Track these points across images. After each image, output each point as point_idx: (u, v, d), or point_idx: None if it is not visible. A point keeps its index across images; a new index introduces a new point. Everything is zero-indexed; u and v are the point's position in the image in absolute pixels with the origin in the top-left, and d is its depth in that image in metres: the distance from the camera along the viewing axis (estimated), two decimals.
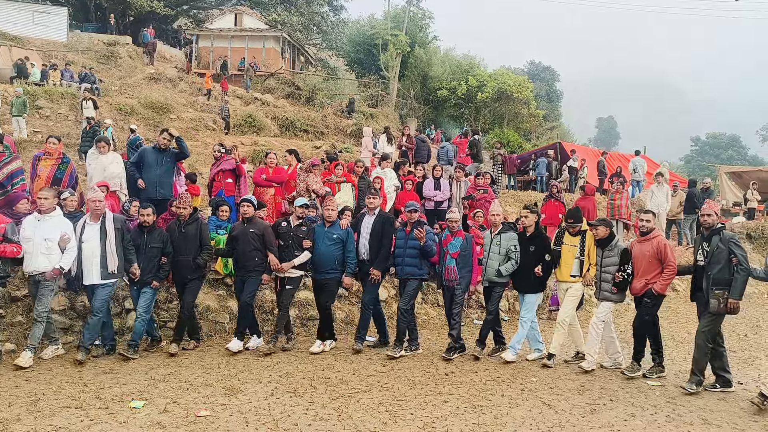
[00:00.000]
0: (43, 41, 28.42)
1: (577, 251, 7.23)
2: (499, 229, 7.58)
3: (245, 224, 7.44)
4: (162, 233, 7.26)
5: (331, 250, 7.45)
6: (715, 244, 6.34)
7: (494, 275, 7.43)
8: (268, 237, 7.41)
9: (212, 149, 9.16)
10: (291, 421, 5.12)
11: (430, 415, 5.36)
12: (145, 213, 7.19)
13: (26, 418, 5.02)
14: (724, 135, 68.04)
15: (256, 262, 7.38)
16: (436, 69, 33.08)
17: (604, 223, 7.23)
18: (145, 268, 7.05)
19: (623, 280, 6.94)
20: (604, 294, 7.09)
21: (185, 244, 7.25)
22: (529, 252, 7.39)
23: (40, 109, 19.27)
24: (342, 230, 7.53)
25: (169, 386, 5.96)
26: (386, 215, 7.86)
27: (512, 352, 7.37)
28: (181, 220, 7.36)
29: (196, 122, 22.04)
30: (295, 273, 7.54)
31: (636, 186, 18.95)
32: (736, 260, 6.20)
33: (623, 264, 6.96)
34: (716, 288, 6.25)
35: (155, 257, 7.12)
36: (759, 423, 5.43)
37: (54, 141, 8.24)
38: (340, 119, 26.09)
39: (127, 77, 26.51)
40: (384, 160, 11.61)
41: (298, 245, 7.46)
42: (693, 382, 6.31)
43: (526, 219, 7.54)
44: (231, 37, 33.84)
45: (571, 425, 5.24)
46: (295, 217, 7.63)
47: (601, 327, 7.04)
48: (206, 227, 7.56)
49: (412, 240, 7.43)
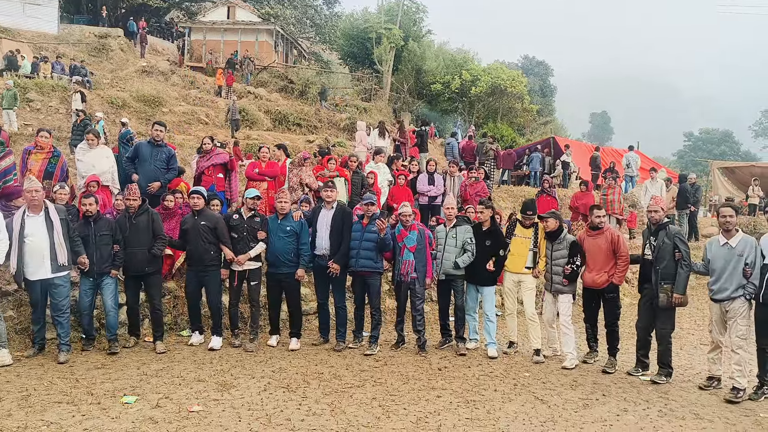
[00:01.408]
0: (34, 33, 28.12)
1: (530, 243, 7.39)
2: (453, 223, 7.63)
3: (196, 217, 7.32)
4: (109, 221, 7.12)
5: (286, 243, 7.36)
6: (662, 239, 6.51)
7: (451, 268, 7.50)
8: (220, 230, 7.31)
9: (202, 142, 9.06)
10: (284, 416, 5.12)
11: (423, 410, 5.36)
12: (87, 202, 6.98)
13: (17, 413, 4.99)
14: (717, 131, 68.29)
15: (212, 256, 7.30)
16: (430, 63, 32.97)
17: (554, 215, 7.34)
18: (101, 258, 6.90)
19: (573, 271, 7.11)
20: (555, 287, 7.24)
21: (137, 235, 7.08)
22: (485, 246, 7.46)
23: (30, 102, 19.09)
24: (295, 222, 7.43)
25: (162, 382, 5.94)
26: (345, 208, 7.75)
27: (493, 347, 7.47)
28: (131, 211, 7.17)
29: (188, 116, 21.89)
30: (253, 265, 7.47)
31: (629, 181, 19.03)
32: (680, 255, 6.37)
33: (572, 256, 7.12)
34: (664, 282, 6.45)
35: (107, 245, 6.97)
36: (750, 418, 5.47)
37: (45, 134, 8.15)
38: (333, 113, 26.00)
39: (118, 70, 26.30)
40: (377, 155, 11.59)
41: (253, 237, 7.39)
42: (662, 374, 6.57)
43: (481, 214, 7.60)
44: (224, 30, 33.61)
45: (563, 420, 5.26)
46: (247, 209, 7.52)
47: (570, 323, 7.18)
48: (158, 217, 7.36)
49: (368, 233, 7.40)
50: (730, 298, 6.09)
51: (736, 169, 24.13)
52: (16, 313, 7.15)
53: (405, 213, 7.48)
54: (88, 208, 6.96)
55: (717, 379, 6.41)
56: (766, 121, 65.50)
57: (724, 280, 6.12)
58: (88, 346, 7.07)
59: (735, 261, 6.07)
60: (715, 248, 6.33)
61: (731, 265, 6.09)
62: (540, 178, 17.72)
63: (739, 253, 6.06)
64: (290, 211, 7.52)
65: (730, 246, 6.14)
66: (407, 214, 7.47)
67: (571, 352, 7.11)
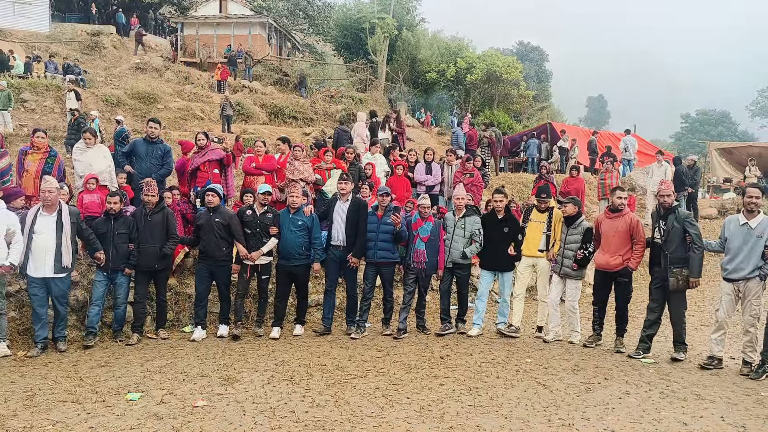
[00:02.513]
0: (26, 33, 27.97)
1: (544, 227, 7.58)
2: (462, 213, 7.78)
3: (211, 214, 7.46)
4: (128, 219, 7.28)
5: (297, 236, 7.50)
6: (671, 223, 6.54)
7: (459, 257, 7.70)
8: (234, 226, 7.45)
9: (196, 137, 9.03)
10: (288, 408, 5.14)
11: (426, 398, 5.39)
12: (112, 201, 7.17)
13: (23, 413, 5.01)
14: (714, 111, 68.07)
15: (224, 252, 7.45)
16: (425, 52, 32.85)
17: (573, 201, 7.44)
18: (117, 255, 7.10)
19: (584, 257, 7.21)
20: (565, 270, 7.34)
21: (151, 232, 7.26)
22: (503, 233, 7.67)
23: (25, 102, 19.03)
24: (306, 217, 7.57)
25: (165, 377, 5.96)
26: (360, 200, 7.83)
27: (512, 330, 7.70)
28: (148, 208, 7.34)
29: (184, 112, 21.83)
30: (265, 260, 7.64)
31: (627, 165, 19.01)
32: (690, 238, 6.41)
33: (585, 242, 7.20)
34: (674, 266, 6.50)
35: (124, 243, 7.15)
36: (751, 397, 5.50)
37: (41, 135, 8.15)
38: (329, 105, 25.92)
39: (112, 67, 26.20)
40: (373, 146, 11.57)
41: (265, 233, 7.54)
42: (681, 350, 6.73)
43: (498, 203, 7.76)
44: (216, 25, 33.45)
45: (566, 404, 5.29)
46: (260, 205, 7.63)
47: (577, 306, 7.42)
48: (173, 216, 7.56)
49: (384, 224, 7.54)
50: (746, 279, 6.10)
51: (734, 149, 24.10)
52: (18, 314, 7.18)
53: (424, 204, 7.72)
54: (112, 206, 7.14)
55: (718, 359, 6.43)
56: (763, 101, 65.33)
57: (741, 259, 6.12)
58: (89, 342, 7.08)
59: (753, 242, 6.07)
60: (734, 227, 6.30)
61: (749, 245, 6.09)
62: (538, 165, 17.71)
63: (758, 235, 6.06)
64: (301, 206, 7.63)
65: (750, 227, 6.13)
66: (426, 206, 7.71)
67: (577, 331, 7.41)
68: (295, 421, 4.85)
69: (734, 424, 4.84)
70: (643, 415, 5.04)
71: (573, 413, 5.07)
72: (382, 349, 7.16)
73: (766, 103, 64.07)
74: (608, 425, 4.81)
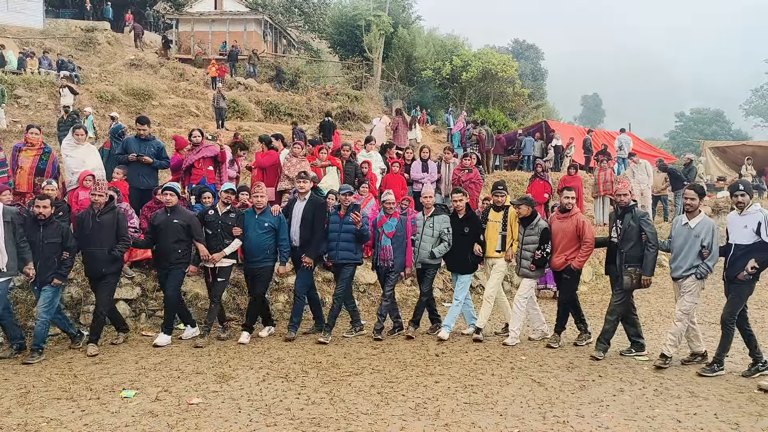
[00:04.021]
0: (19, 28, 27.78)
1: (500, 227, 7.49)
2: (431, 212, 7.67)
3: (168, 214, 7.03)
4: (61, 226, 6.58)
5: (263, 238, 7.22)
6: (627, 222, 6.62)
7: (427, 257, 7.57)
8: (194, 227, 7.06)
9: (191, 134, 8.99)
10: (283, 405, 5.14)
11: (421, 396, 5.40)
12: (41, 204, 6.38)
13: (17, 410, 4.99)
14: (708, 110, 68.25)
15: (179, 254, 7.01)
16: (420, 49, 32.86)
17: (527, 202, 7.43)
18: (44, 266, 6.37)
19: (542, 258, 7.22)
20: (523, 270, 7.37)
21: (100, 234, 6.66)
22: (464, 233, 7.53)
23: (18, 98, 18.91)
24: (273, 217, 7.31)
25: (160, 375, 5.95)
26: (318, 200, 7.65)
27: (446, 330, 7.54)
28: (96, 208, 6.73)
29: (179, 108, 21.75)
30: (226, 263, 7.28)
31: (622, 163, 19.04)
32: (646, 237, 6.51)
33: (543, 243, 7.21)
34: (629, 265, 6.59)
35: (54, 254, 6.43)
36: (744, 394, 5.53)
37: (35, 131, 8.11)
38: (324, 102, 25.88)
39: (106, 64, 26.06)
40: (368, 143, 11.57)
41: (228, 233, 7.19)
42: (600, 350, 6.73)
43: (458, 202, 7.60)
44: (212, 21, 33.31)
45: (561, 402, 5.31)
46: (223, 204, 7.31)
47: (524, 304, 7.35)
48: (123, 217, 7.03)
49: (346, 224, 7.38)
50: (683, 276, 6.28)
51: (728, 148, 24.19)
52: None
53: (388, 200, 7.55)
54: (41, 210, 6.38)
55: (701, 354, 6.55)
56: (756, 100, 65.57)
57: (681, 258, 6.32)
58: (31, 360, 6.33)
59: (692, 241, 6.25)
60: (677, 227, 6.51)
61: (688, 244, 6.27)
62: (533, 163, 17.73)
63: (696, 234, 6.23)
64: (267, 206, 7.40)
65: (690, 226, 6.30)
66: (390, 201, 7.54)
67: (515, 330, 7.32)
68: (290, 419, 4.85)
69: (727, 422, 4.87)
70: (637, 412, 5.07)
71: (568, 410, 5.09)
72: (378, 346, 7.16)
73: (759, 103, 64.30)
74: (603, 422, 4.83)
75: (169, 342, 7.12)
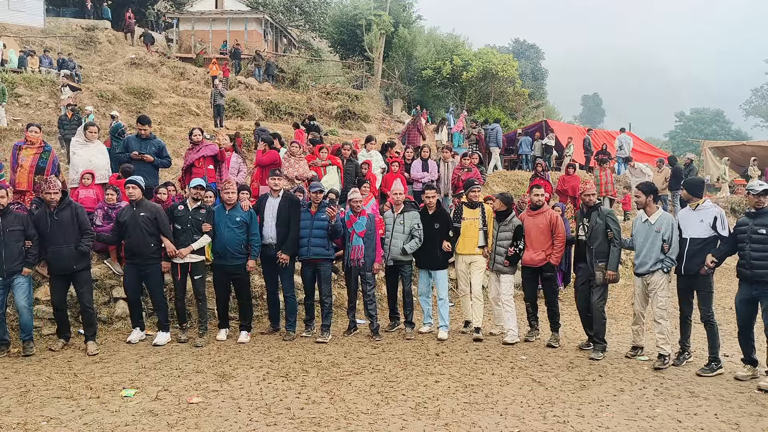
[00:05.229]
0: (20, 27, 27.76)
1: (479, 223, 7.55)
2: (401, 209, 7.70)
3: (134, 208, 6.95)
4: (19, 215, 6.48)
5: (236, 233, 7.17)
6: (594, 220, 6.77)
7: (399, 254, 7.59)
8: (161, 220, 6.98)
9: (191, 133, 8.98)
10: (283, 405, 5.14)
11: (422, 396, 5.40)
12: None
13: (16, 409, 4.99)
14: (707, 110, 68.26)
15: (152, 249, 6.96)
16: (421, 49, 32.83)
17: (502, 197, 7.50)
18: (10, 256, 6.29)
19: (515, 254, 7.31)
20: (497, 266, 7.44)
21: (61, 231, 6.50)
22: (434, 229, 7.56)
23: (19, 97, 18.89)
24: (244, 212, 7.27)
25: (160, 374, 5.95)
26: (292, 196, 7.61)
27: (444, 330, 7.57)
28: (51, 207, 6.55)
29: (179, 107, 21.73)
30: (196, 258, 7.19)
31: (622, 163, 19.05)
32: (611, 234, 6.64)
33: (516, 240, 7.30)
34: (599, 261, 6.72)
35: (18, 242, 6.36)
36: (744, 394, 5.53)
37: (35, 129, 8.09)
38: (325, 101, 25.86)
39: (107, 62, 26.04)
40: (368, 142, 11.56)
41: (197, 229, 7.12)
42: (598, 350, 6.81)
43: (430, 198, 7.66)
44: (212, 20, 33.27)
45: (561, 401, 5.30)
46: (192, 200, 7.24)
47: (512, 301, 7.41)
48: (82, 211, 6.78)
49: (318, 220, 7.38)
50: (650, 272, 6.43)
51: (727, 148, 24.20)
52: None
53: (355, 199, 7.55)
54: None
55: (641, 348, 6.79)
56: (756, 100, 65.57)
57: (644, 254, 6.49)
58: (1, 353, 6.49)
59: (653, 236, 6.42)
60: (638, 225, 6.68)
61: (650, 240, 6.45)
62: (532, 162, 17.70)
63: (656, 230, 6.42)
64: (237, 202, 7.34)
65: (650, 223, 6.49)
66: (357, 200, 7.55)
67: (512, 329, 7.36)
68: (290, 418, 4.85)
69: (728, 422, 4.87)
70: (638, 412, 5.07)
71: (568, 410, 5.09)
72: (378, 346, 7.16)
73: (759, 103, 64.32)
74: (603, 422, 4.83)
75: (168, 340, 7.13)
